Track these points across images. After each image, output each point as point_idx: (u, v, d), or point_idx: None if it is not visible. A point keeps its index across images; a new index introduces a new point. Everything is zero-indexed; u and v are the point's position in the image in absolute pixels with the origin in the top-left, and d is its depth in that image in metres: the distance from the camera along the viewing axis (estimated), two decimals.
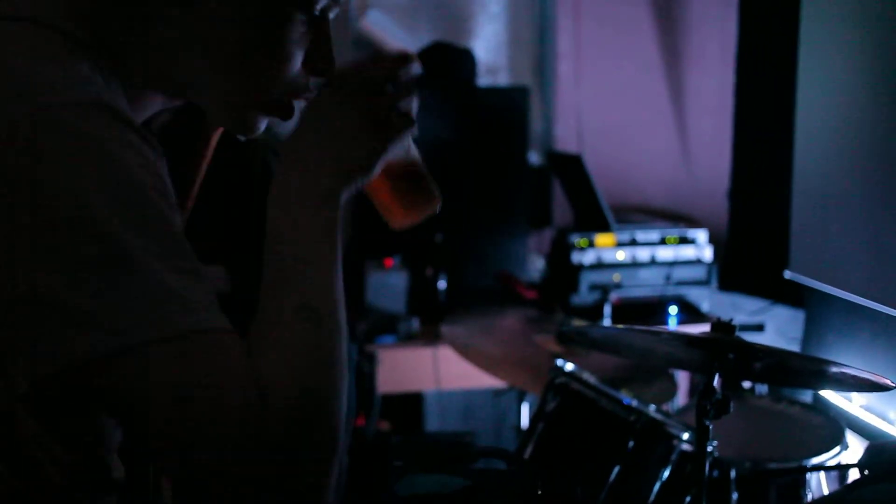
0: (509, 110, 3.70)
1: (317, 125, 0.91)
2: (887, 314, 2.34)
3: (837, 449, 2.01)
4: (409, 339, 3.17)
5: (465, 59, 3.80)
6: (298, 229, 0.88)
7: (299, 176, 0.90)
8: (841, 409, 2.54)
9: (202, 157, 1.24)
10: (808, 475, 1.96)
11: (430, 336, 3.12)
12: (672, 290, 3.35)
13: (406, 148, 1.00)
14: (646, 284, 3.34)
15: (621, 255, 3.33)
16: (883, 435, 2.39)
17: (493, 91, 4.03)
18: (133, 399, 0.79)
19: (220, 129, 1.18)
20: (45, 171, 0.77)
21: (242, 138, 1.00)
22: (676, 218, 3.65)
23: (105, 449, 0.95)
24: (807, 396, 2.63)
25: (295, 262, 0.88)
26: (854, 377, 1.65)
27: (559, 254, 3.37)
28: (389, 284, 3.27)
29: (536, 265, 3.76)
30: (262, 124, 0.98)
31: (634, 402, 2.05)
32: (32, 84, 0.80)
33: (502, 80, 4.35)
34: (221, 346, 0.81)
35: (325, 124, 0.90)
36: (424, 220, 1.02)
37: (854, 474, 1.88)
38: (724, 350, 1.66)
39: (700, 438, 1.66)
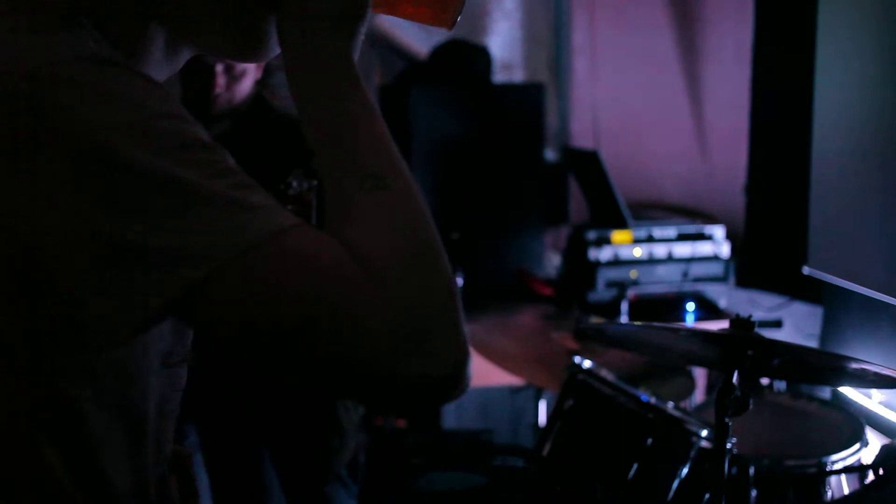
0: (525, 107, 3.69)
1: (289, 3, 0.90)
2: None
3: (857, 446, 2.00)
4: None
5: (480, 56, 3.80)
6: (325, 103, 0.88)
7: (302, 52, 0.89)
8: (860, 405, 2.53)
9: None
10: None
11: None
12: (689, 287, 3.33)
13: None
14: (663, 281, 3.33)
15: (638, 252, 3.32)
16: None
17: (509, 88, 4.03)
18: (246, 318, 0.78)
19: None
20: (63, 128, 0.77)
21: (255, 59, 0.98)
22: (693, 214, 3.63)
23: (163, 418, 0.96)
24: (825, 393, 2.62)
25: (336, 135, 0.87)
26: (874, 373, 1.64)
27: (575, 250, 3.36)
28: None
29: (553, 262, 3.75)
30: (272, 38, 0.95)
31: (652, 400, 2.04)
32: (26, 55, 0.80)
33: (517, 76, 4.34)
34: (310, 238, 0.80)
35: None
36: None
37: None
38: (744, 347, 1.65)
39: (719, 435, 1.66)
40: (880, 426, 2.41)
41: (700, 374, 2.94)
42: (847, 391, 2.60)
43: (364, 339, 0.77)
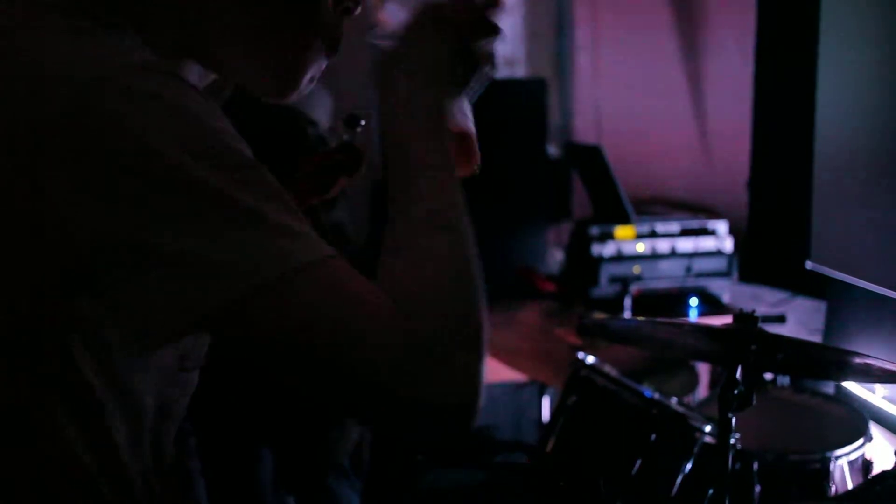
0: (527, 103, 3.69)
1: (409, 47, 0.95)
2: None
3: (861, 441, 2.00)
4: None
5: None
6: (417, 138, 0.92)
7: (406, 87, 0.94)
8: (864, 400, 2.52)
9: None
10: (832, 467, 1.95)
11: None
12: (692, 282, 3.33)
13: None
14: (666, 276, 3.33)
15: (641, 247, 3.31)
16: None
17: (511, 83, 4.02)
18: (277, 338, 0.81)
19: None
20: (123, 137, 0.78)
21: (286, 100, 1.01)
22: (696, 209, 3.63)
23: (166, 419, 0.97)
24: (829, 388, 2.61)
25: (418, 170, 0.91)
26: (877, 368, 1.64)
27: (578, 246, 3.36)
28: None
29: (556, 258, 3.75)
30: (305, 80, 0.98)
31: (656, 395, 2.04)
32: (85, 59, 0.82)
33: (520, 72, 4.34)
34: (343, 269, 0.83)
35: (418, 47, 0.95)
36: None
37: (878, 467, 1.87)
38: (747, 342, 1.65)
39: (722, 431, 1.66)
40: (884, 421, 2.40)
41: (703, 370, 2.94)
42: (851, 386, 2.60)
43: (389, 373, 0.80)
